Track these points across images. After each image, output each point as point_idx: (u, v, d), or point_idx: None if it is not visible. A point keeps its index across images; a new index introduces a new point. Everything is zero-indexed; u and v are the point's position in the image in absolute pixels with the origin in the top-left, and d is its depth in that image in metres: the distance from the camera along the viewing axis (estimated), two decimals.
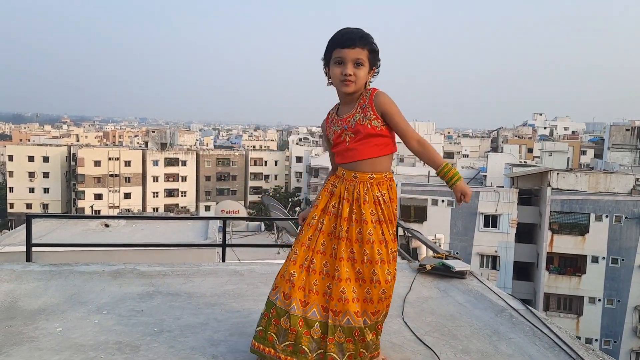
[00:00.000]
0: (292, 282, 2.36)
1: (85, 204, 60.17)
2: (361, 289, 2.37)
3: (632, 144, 47.32)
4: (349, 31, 2.39)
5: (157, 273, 3.99)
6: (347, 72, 2.37)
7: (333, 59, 2.41)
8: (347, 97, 2.48)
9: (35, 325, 2.92)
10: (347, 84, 2.39)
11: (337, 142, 2.50)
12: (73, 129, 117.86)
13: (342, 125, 2.46)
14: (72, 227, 12.08)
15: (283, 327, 2.35)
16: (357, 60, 2.38)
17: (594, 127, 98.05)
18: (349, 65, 2.37)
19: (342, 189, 2.44)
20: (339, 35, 2.40)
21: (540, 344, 2.85)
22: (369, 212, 2.40)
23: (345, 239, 2.39)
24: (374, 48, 2.41)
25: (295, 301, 2.35)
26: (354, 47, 2.36)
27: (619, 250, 28.89)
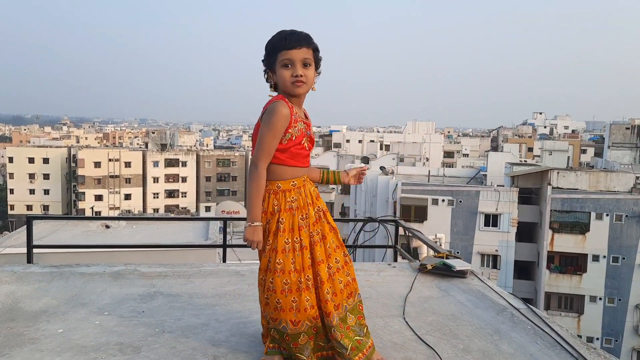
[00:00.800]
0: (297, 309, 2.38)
1: (86, 205, 60.20)
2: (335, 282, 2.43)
3: (632, 143, 47.31)
4: (292, 32, 2.37)
5: (158, 274, 3.99)
6: (298, 72, 2.35)
7: (279, 62, 2.36)
8: (295, 100, 2.45)
9: (37, 327, 2.92)
10: (299, 84, 2.37)
11: (299, 143, 2.43)
12: (73, 130, 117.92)
13: (306, 131, 2.47)
14: (73, 229, 12.07)
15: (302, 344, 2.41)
16: (305, 60, 2.37)
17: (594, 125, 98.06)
18: (298, 66, 2.35)
19: (304, 197, 2.45)
20: (282, 38, 2.36)
21: (542, 343, 2.84)
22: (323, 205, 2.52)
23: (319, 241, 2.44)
24: (317, 47, 2.42)
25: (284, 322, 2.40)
26: (300, 48, 2.34)
27: (620, 249, 28.88)
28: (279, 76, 2.38)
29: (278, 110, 2.34)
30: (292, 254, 2.38)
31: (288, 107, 2.37)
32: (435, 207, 29.65)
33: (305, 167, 2.49)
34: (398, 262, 4.76)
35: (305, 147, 2.47)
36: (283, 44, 2.34)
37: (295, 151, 2.42)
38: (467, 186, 32.15)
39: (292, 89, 2.38)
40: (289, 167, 2.42)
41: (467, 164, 49.75)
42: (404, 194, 29.71)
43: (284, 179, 2.42)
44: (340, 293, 2.44)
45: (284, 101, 2.37)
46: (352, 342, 2.41)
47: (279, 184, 2.41)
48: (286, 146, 2.39)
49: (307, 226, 2.42)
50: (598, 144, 60.02)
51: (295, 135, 2.39)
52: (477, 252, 29.76)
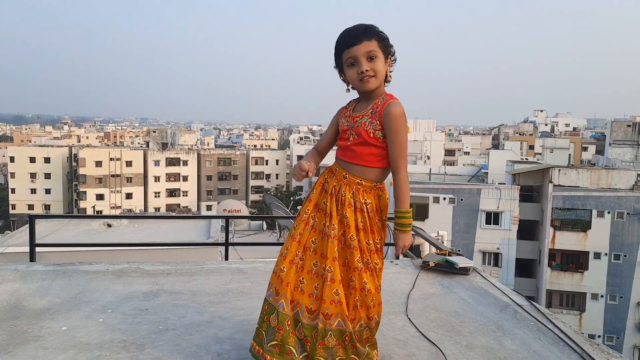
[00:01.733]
0: (281, 278, 2.32)
1: (87, 205, 60.27)
2: (352, 297, 2.30)
3: (633, 140, 47.27)
4: (351, 29, 2.31)
5: (161, 272, 3.99)
6: (362, 69, 2.28)
7: (345, 62, 2.32)
8: (369, 94, 2.38)
9: (40, 325, 2.93)
10: (367, 80, 2.29)
11: (342, 136, 2.44)
12: (74, 129, 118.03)
13: (350, 123, 2.39)
14: (75, 228, 12.09)
15: (272, 325, 2.31)
16: (369, 53, 2.28)
17: (595, 123, 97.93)
18: (362, 61, 2.28)
19: (331, 186, 2.38)
20: (342, 37, 2.32)
21: (545, 339, 2.85)
22: (352, 217, 2.31)
23: (338, 239, 2.31)
24: (382, 36, 2.31)
25: (283, 297, 2.29)
26: (360, 42, 2.27)
27: (621, 247, 28.87)
28: (348, 77, 2.35)
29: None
30: (304, 225, 2.37)
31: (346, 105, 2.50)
32: (436, 205, 29.65)
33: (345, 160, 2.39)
34: (400, 260, 4.77)
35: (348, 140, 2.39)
36: (344, 43, 2.30)
37: (340, 144, 2.47)
38: (468, 184, 32.15)
39: (360, 86, 2.33)
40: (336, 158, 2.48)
41: (468, 162, 49.76)
42: None
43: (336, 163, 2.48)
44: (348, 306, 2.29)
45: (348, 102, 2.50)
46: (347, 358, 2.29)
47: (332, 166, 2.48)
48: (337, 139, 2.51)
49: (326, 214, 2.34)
50: (599, 142, 59.98)
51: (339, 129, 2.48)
52: (478, 250, 29.76)
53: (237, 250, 12.35)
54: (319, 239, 2.35)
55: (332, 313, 2.25)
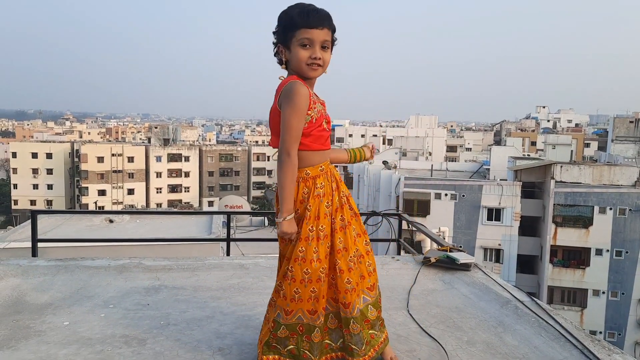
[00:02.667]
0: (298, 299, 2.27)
1: (89, 200, 60.38)
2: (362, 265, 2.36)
3: (636, 136, 47.19)
4: (314, 9, 2.19)
5: (163, 267, 4.00)
6: (316, 55, 2.20)
7: (297, 40, 2.19)
8: (309, 82, 2.29)
9: (43, 319, 2.94)
10: (316, 68, 2.22)
11: (320, 125, 2.30)
12: (76, 125, 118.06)
13: (324, 111, 2.34)
14: (77, 223, 12.12)
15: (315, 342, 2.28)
16: (325, 42, 2.22)
17: (597, 119, 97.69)
18: (317, 48, 2.20)
19: (327, 183, 2.33)
20: (304, 14, 2.17)
21: (546, 335, 2.85)
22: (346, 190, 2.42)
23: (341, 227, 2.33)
24: (335, 28, 2.26)
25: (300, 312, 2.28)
26: (322, 28, 2.19)
27: (623, 243, 28.84)
28: (294, 55, 2.21)
29: (298, 90, 2.17)
30: (316, 242, 2.26)
31: (305, 86, 2.22)
32: (438, 201, 29.64)
33: (328, 149, 2.37)
34: (401, 256, 4.77)
35: (326, 129, 2.34)
36: (305, 21, 2.16)
37: (318, 133, 2.28)
38: (470, 180, 32.11)
39: (307, 71, 2.23)
40: (315, 151, 2.29)
41: (470, 158, 49.70)
42: (407, 188, 29.71)
43: (312, 165, 2.29)
44: (361, 283, 2.34)
45: (300, 81, 2.22)
46: (367, 337, 2.32)
47: (308, 170, 2.28)
48: (308, 129, 2.24)
49: (330, 214, 2.31)
50: (602, 138, 59.87)
51: (315, 117, 2.25)
52: (480, 247, 29.76)
53: (238, 246, 12.39)
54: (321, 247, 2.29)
55: (349, 301, 2.28)
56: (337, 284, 2.29)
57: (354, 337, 2.29)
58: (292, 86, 2.18)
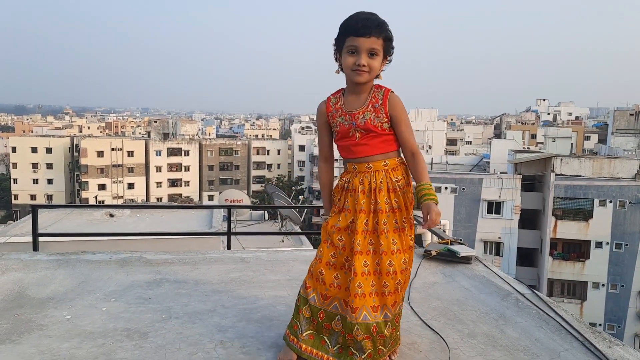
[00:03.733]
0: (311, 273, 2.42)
1: (89, 195, 60.43)
2: (379, 282, 2.32)
3: (636, 129, 47.13)
4: (365, 17, 2.26)
5: (164, 261, 4.00)
6: (361, 62, 2.26)
7: (346, 47, 2.29)
8: (356, 87, 2.37)
9: (44, 313, 2.95)
10: (360, 73, 2.29)
11: (343, 136, 2.41)
12: (75, 119, 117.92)
13: (351, 121, 2.36)
14: (77, 218, 12.13)
15: (305, 316, 2.39)
16: (372, 50, 2.27)
17: (597, 112, 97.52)
18: (363, 55, 2.26)
19: (357, 182, 2.38)
20: (353, 22, 2.27)
21: (547, 327, 2.85)
22: (384, 200, 2.34)
23: (363, 231, 2.34)
24: (389, 36, 2.30)
25: (314, 292, 2.38)
26: (369, 37, 2.24)
27: (623, 235, 28.90)
28: (343, 61, 2.32)
29: (317, 110, 2.50)
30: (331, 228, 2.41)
31: (327, 103, 2.45)
32: (438, 194, 29.33)
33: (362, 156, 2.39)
34: None
35: (355, 138, 2.38)
36: (354, 29, 2.25)
37: (343, 144, 2.44)
38: (470, 173, 32.14)
39: (352, 76, 2.32)
40: (345, 158, 2.48)
41: (470, 152, 49.70)
42: None
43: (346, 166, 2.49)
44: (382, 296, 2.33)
45: (327, 98, 2.47)
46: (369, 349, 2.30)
47: (347, 165, 2.48)
48: (336, 140, 2.48)
49: (354, 211, 2.35)
50: (602, 131, 59.79)
51: (336, 129, 2.42)
52: (480, 240, 29.83)
53: (239, 240, 12.40)
54: (346, 236, 2.38)
55: (357, 306, 2.28)
56: (350, 285, 2.31)
57: (356, 343, 2.29)
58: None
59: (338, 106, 2.41)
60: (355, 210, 2.35)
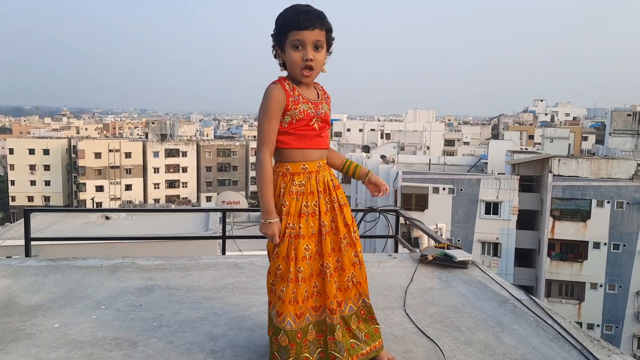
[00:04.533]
0: (281, 299, 2.24)
1: (87, 196, 60.24)
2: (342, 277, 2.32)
3: (633, 129, 47.19)
4: (306, 10, 2.19)
5: (156, 267, 3.94)
6: (308, 56, 2.19)
7: (290, 42, 2.20)
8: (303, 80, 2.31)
9: (33, 322, 2.89)
10: (308, 72, 2.24)
11: (307, 125, 2.29)
12: (73, 121, 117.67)
13: (316, 110, 2.31)
14: (73, 220, 12.07)
15: (282, 345, 2.25)
16: (317, 42, 2.21)
17: (595, 112, 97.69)
18: (309, 49, 2.20)
19: (313, 184, 2.30)
20: (294, 15, 2.18)
21: (545, 335, 2.80)
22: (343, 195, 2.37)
23: (330, 232, 2.31)
24: (330, 27, 2.25)
25: (289, 316, 2.24)
26: (313, 29, 2.18)
27: (621, 236, 28.87)
28: (288, 57, 2.23)
29: (269, 94, 2.24)
30: (288, 239, 2.25)
31: (283, 89, 2.25)
32: (436, 195, 29.62)
33: (318, 148, 2.32)
34: (398, 253, 4.73)
35: (315, 128, 2.30)
36: (295, 22, 2.17)
37: (301, 132, 2.28)
38: (467, 174, 32.10)
39: (300, 75, 2.25)
40: (297, 149, 2.28)
41: (468, 152, 49.65)
42: (405, 182, 29.67)
43: (293, 162, 2.30)
44: (346, 291, 2.33)
45: (279, 83, 2.27)
46: (347, 345, 2.31)
47: (288, 166, 2.30)
48: (288, 129, 2.26)
49: (315, 214, 2.28)
50: (599, 131, 59.84)
51: (296, 117, 2.25)
52: (477, 240, 29.78)
53: (235, 241, 12.33)
54: (311, 243, 2.29)
55: (334, 307, 2.27)
56: (327, 287, 2.27)
57: (337, 344, 2.27)
58: (267, 89, 2.26)
59: (297, 93, 2.28)
60: (317, 214, 2.29)
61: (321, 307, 2.30)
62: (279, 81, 2.29)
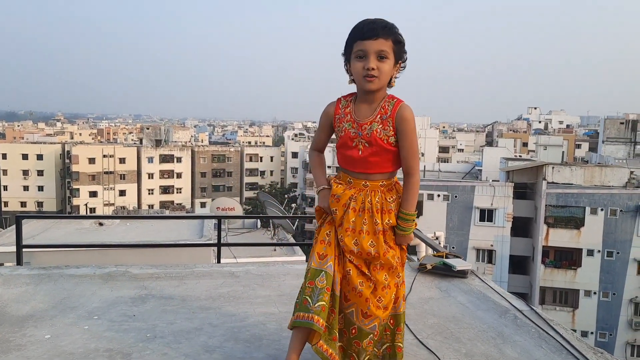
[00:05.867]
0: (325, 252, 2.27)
1: (80, 202, 59.86)
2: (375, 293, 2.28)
3: (626, 137, 47.52)
4: (371, 21, 2.19)
5: (150, 275, 3.87)
6: (369, 65, 2.15)
7: (354, 53, 2.20)
8: (368, 95, 2.26)
9: (23, 332, 2.81)
10: (371, 79, 2.18)
11: (346, 144, 2.29)
12: (67, 126, 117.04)
13: (357, 131, 2.25)
14: (66, 226, 11.94)
15: (318, 287, 2.20)
16: (381, 52, 2.16)
17: (588, 120, 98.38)
18: (371, 58, 2.16)
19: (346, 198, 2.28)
20: (359, 26, 2.20)
21: (547, 347, 2.76)
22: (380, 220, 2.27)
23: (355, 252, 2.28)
24: (398, 39, 2.20)
25: (331, 260, 2.24)
26: (376, 38, 2.15)
27: (614, 243, 28.97)
28: (353, 68, 2.22)
29: (325, 108, 2.38)
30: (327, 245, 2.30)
31: (336, 105, 2.33)
32: (430, 202, 29.64)
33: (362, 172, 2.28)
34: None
35: (357, 150, 2.25)
36: (360, 33, 2.17)
37: (344, 153, 2.31)
38: (462, 181, 32.17)
39: (363, 83, 2.20)
40: (344, 168, 2.35)
41: (462, 159, 49.84)
42: None
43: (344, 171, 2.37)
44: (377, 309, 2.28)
45: (337, 99, 2.35)
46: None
47: (341, 174, 2.38)
48: (337, 146, 2.35)
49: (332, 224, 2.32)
50: (592, 139, 60.22)
51: (340, 135, 2.31)
52: (472, 247, 29.80)
53: (230, 249, 12.25)
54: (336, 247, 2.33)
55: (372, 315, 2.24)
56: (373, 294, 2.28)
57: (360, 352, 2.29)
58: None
59: (348, 111, 2.30)
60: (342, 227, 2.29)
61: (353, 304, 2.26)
62: (341, 97, 2.35)
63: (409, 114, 2.24)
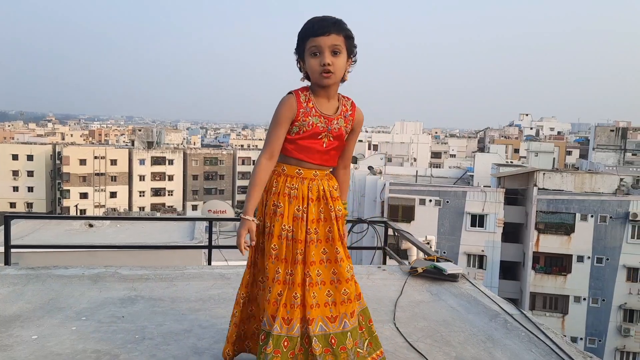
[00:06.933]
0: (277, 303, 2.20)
1: (71, 203, 59.39)
2: (337, 291, 2.24)
3: (616, 145, 47.92)
4: (321, 18, 2.23)
5: (139, 277, 3.84)
6: (325, 61, 2.18)
7: (308, 51, 2.22)
8: (325, 90, 2.29)
9: (10, 333, 2.78)
10: (327, 75, 2.21)
11: (311, 137, 2.28)
12: (58, 127, 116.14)
13: (327, 125, 2.28)
14: (56, 227, 11.82)
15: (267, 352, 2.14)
16: (334, 47, 2.20)
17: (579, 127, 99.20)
18: (326, 54, 2.19)
19: (305, 190, 2.27)
20: (310, 25, 2.22)
21: (537, 350, 2.76)
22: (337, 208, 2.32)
23: (315, 240, 2.26)
24: (349, 34, 2.24)
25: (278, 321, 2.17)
26: (329, 34, 2.18)
27: (604, 250, 29.14)
28: (308, 65, 2.24)
29: (282, 101, 2.27)
30: (286, 241, 2.23)
31: (297, 99, 2.26)
32: (422, 207, 29.69)
33: (317, 164, 2.30)
34: (388, 265, 4.67)
35: (322, 143, 2.29)
36: (311, 30, 2.20)
37: (305, 145, 2.28)
38: (454, 186, 32.26)
39: (320, 79, 2.23)
40: (294, 159, 2.30)
41: (454, 165, 49.98)
42: (392, 194, 29.72)
43: (289, 164, 2.32)
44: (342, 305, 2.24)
45: (294, 93, 2.28)
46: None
47: (285, 167, 2.31)
48: (293, 138, 2.27)
49: (304, 221, 2.25)
50: (583, 146, 60.68)
51: (303, 129, 2.26)
52: (463, 253, 29.85)
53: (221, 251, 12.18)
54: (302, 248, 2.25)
55: (312, 317, 2.18)
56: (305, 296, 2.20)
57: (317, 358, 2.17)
58: (283, 97, 2.29)
59: (311, 105, 2.28)
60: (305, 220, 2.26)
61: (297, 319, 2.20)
62: (296, 91, 2.30)
63: (362, 114, 2.41)
